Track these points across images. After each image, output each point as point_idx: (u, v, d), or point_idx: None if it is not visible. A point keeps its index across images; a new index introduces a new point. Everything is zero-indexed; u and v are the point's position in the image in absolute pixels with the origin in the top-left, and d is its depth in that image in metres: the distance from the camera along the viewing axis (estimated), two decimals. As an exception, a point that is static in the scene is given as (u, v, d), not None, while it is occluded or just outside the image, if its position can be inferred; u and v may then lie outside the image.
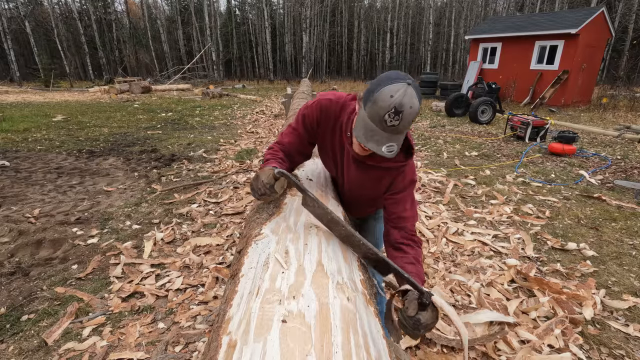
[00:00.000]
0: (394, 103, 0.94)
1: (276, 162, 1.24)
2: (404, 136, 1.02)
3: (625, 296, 2.32)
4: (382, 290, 1.65)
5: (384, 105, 0.94)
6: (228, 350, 0.64)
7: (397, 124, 0.96)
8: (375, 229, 1.64)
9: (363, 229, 1.65)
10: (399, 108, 0.94)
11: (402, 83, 0.96)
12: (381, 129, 0.98)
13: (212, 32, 27.45)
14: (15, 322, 2.05)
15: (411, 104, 0.95)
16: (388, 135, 0.98)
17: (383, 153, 0.99)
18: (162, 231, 3.16)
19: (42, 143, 6.34)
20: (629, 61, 20.07)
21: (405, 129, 0.99)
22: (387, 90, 0.95)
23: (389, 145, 0.99)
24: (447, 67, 31.78)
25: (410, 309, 0.88)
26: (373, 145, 0.99)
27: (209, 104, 12.40)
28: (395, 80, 0.97)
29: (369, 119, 0.99)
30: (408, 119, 0.96)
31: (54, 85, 19.90)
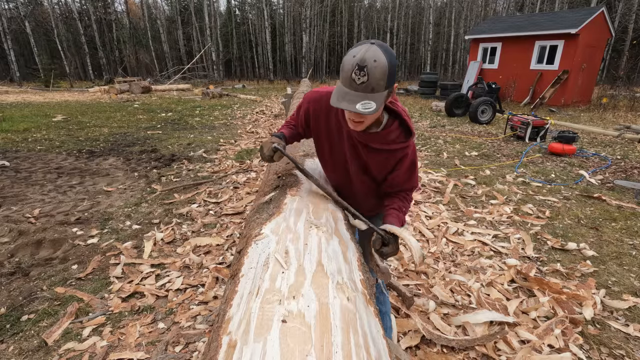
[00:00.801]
0: (356, 60, 0.97)
1: (287, 128, 1.44)
2: (381, 95, 1.03)
3: (625, 296, 2.32)
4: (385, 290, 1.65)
5: (349, 66, 0.98)
6: (228, 350, 0.64)
7: (366, 80, 0.97)
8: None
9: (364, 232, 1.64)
10: (361, 63, 0.96)
11: (365, 44, 0.99)
12: (353, 89, 1.00)
13: (212, 32, 27.45)
14: (16, 322, 2.05)
15: (375, 58, 0.96)
16: (361, 94, 1.00)
17: (358, 110, 1.00)
18: (162, 231, 3.16)
19: (42, 143, 6.34)
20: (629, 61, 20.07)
21: (378, 85, 1.00)
22: (350, 52, 1.00)
23: (364, 103, 1.00)
24: (447, 67, 31.77)
25: (376, 244, 1.20)
26: (346, 104, 1.01)
27: (209, 104, 12.40)
28: (359, 44, 1.01)
29: (341, 84, 1.03)
30: (375, 74, 0.97)
31: (54, 85, 19.90)
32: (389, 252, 1.19)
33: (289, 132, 1.43)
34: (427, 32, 27.93)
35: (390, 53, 1.01)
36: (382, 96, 1.03)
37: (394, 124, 1.24)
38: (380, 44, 1.00)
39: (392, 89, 1.08)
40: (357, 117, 1.10)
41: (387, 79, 1.01)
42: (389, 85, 1.04)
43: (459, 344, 1.89)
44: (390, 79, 1.03)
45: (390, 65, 0.99)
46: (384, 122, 1.23)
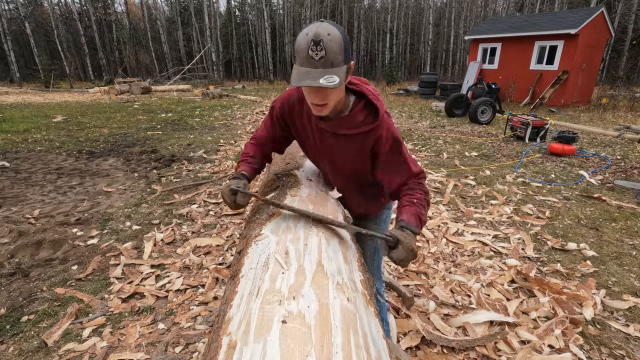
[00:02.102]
0: (310, 37, 0.96)
1: (244, 165, 1.33)
2: (342, 69, 1.00)
3: (626, 296, 2.32)
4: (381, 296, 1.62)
5: (303, 44, 0.97)
6: (228, 351, 0.64)
7: (324, 54, 0.96)
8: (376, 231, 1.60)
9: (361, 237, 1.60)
10: (316, 38, 0.95)
11: (315, 22, 0.99)
12: (312, 66, 0.98)
13: (212, 32, 27.46)
14: (15, 323, 2.04)
15: (328, 32, 0.96)
16: (321, 69, 0.98)
17: (323, 84, 0.97)
18: (162, 232, 3.16)
19: (42, 144, 6.34)
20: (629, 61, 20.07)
21: (336, 59, 0.98)
22: (302, 32, 0.99)
23: (327, 77, 0.97)
24: (447, 68, 31.78)
25: (381, 250, 1.08)
26: (309, 82, 0.98)
27: (209, 105, 12.40)
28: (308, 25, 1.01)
29: (299, 65, 1.01)
30: (332, 47, 0.96)
31: (54, 86, 19.91)
32: (400, 257, 1.04)
33: (248, 167, 1.33)
34: (427, 32, 27.94)
35: (341, 28, 1.00)
36: (342, 71, 1.01)
37: (359, 105, 1.18)
38: (331, 22, 1.00)
39: (349, 65, 1.05)
40: (319, 100, 1.06)
41: (344, 53, 0.99)
42: (347, 60, 1.02)
43: (459, 345, 1.89)
44: (347, 53, 1.01)
45: (345, 38, 0.99)
46: (350, 105, 1.18)
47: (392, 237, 1.04)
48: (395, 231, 1.06)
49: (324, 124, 1.21)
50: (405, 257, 1.03)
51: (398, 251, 1.03)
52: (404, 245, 1.03)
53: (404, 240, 1.03)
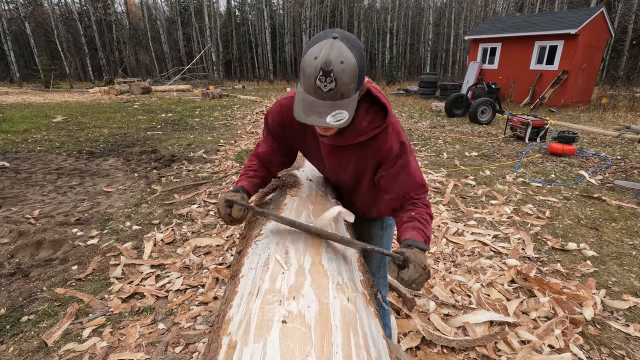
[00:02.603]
0: (320, 64, 0.81)
1: (244, 180, 1.19)
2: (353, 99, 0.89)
3: (626, 296, 2.32)
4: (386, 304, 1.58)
5: (311, 71, 0.83)
6: (228, 351, 0.64)
7: (334, 87, 0.83)
8: (382, 239, 1.50)
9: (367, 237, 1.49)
10: (326, 67, 0.81)
11: (327, 40, 0.83)
12: (319, 97, 0.86)
13: (212, 32, 27.47)
14: (15, 323, 2.04)
15: (341, 59, 0.81)
16: (329, 102, 0.86)
17: (330, 124, 0.86)
18: (162, 232, 3.16)
19: (42, 144, 6.34)
20: (629, 61, 20.08)
21: (348, 90, 0.86)
22: (311, 53, 0.83)
23: (335, 114, 0.86)
24: (447, 68, 31.79)
25: (390, 271, 0.95)
26: (315, 119, 0.87)
27: (209, 105, 12.41)
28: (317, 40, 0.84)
29: (304, 92, 0.88)
30: (344, 78, 0.83)
31: (53, 86, 19.91)
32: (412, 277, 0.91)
33: (247, 182, 1.19)
34: (427, 32, 27.95)
35: (357, 47, 0.85)
36: (353, 101, 0.90)
37: (362, 108, 1.04)
38: (344, 35, 0.85)
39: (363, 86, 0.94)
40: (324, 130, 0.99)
41: (357, 81, 0.87)
42: (360, 85, 0.90)
43: (459, 345, 1.89)
44: (361, 79, 0.89)
45: (359, 64, 0.85)
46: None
47: (400, 255, 0.93)
48: (403, 249, 0.95)
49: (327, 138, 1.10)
50: (418, 276, 0.91)
51: (409, 270, 0.91)
52: (414, 263, 0.91)
53: (414, 258, 0.91)
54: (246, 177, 1.21)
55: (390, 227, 1.51)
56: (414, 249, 0.95)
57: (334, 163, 1.19)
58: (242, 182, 1.19)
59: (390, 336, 1.69)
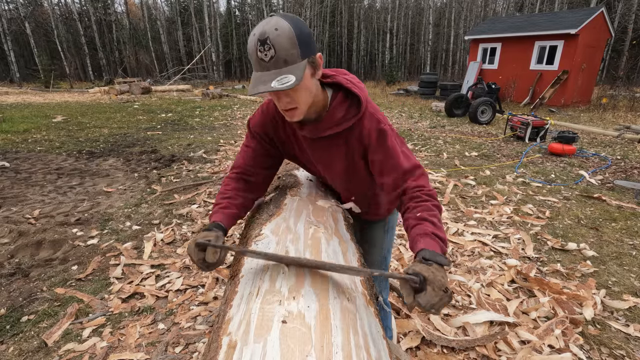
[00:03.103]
0: (256, 36, 0.85)
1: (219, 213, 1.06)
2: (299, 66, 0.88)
3: (626, 296, 2.32)
4: (387, 306, 1.56)
5: (252, 46, 0.87)
6: (228, 351, 0.64)
7: (273, 54, 0.85)
8: (384, 241, 1.47)
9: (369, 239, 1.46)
10: (262, 37, 0.84)
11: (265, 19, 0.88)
12: (264, 69, 0.87)
13: (212, 32, 27.47)
14: (16, 323, 2.04)
15: (276, 27, 0.84)
16: (274, 71, 0.87)
17: (275, 87, 0.86)
18: (162, 232, 3.16)
19: (42, 144, 6.34)
20: (629, 61, 20.09)
21: (290, 55, 0.86)
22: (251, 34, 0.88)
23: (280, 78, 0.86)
24: (447, 68, 31.79)
25: (405, 296, 0.79)
26: (262, 87, 0.87)
27: (209, 105, 12.41)
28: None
29: (254, 71, 0.91)
30: (282, 43, 0.84)
31: (53, 86, 19.92)
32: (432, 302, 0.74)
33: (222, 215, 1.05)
34: (427, 32, 27.95)
35: (294, 19, 0.88)
36: (300, 67, 0.88)
37: (337, 98, 1.05)
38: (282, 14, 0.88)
39: (313, 58, 0.92)
40: (286, 104, 0.95)
41: (299, 47, 0.87)
42: (307, 54, 0.89)
43: (459, 345, 1.89)
44: (305, 46, 0.88)
45: (297, 30, 0.86)
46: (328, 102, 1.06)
47: (416, 276, 0.76)
48: (418, 266, 0.78)
49: (304, 130, 1.09)
50: (438, 300, 0.74)
51: (427, 294, 0.75)
52: (434, 285, 0.75)
53: (432, 278, 0.75)
54: (220, 209, 1.07)
55: (392, 228, 1.50)
56: (432, 266, 0.78)
57: (320, 157, 1.17)
58: (216, 215, 1.05)
59: (391, 338, 1.69)
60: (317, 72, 0.96)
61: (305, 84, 0.92)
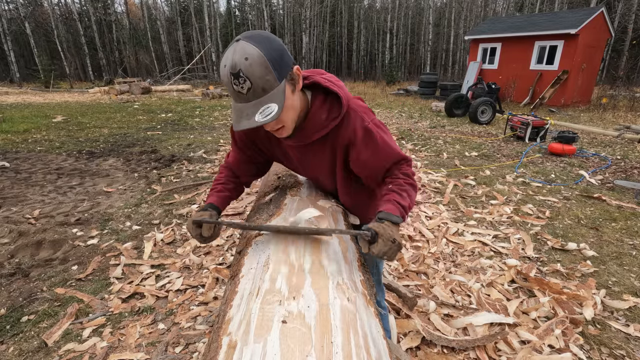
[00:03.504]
0: (228, 70, 0.82)
1: (213, 195, 1.16)
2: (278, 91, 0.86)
3: (626, 296, 2.32)
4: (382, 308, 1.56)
5: (225, 79, 0.84)
6: (228, 351, 0.64)
7: (250, 85, 0.82)
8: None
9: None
10: (233, 70, 0.81)
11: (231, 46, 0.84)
12: (244, 101, 0.85)
13: (212, 32, 27.48)
14: (16, 323, 2.04)
15: (245, 56, 0.80)
16: (254, 102, 0.85)
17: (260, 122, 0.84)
18: (162, 232, 3.16)
19: (42, 144, 6.34)
20: (629, 61, 20.10)
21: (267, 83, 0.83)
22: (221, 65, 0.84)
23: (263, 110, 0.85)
24: (447, 68, 31.80)
25: (362, 247, 0.94)
26: (245, 122, 0.86)
27: (209, 105, 12.41)
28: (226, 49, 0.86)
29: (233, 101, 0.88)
30: (255, 72, 0.81)
31: (53, 86, 19.92)
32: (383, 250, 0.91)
33: (216, 197, 1.16)
34: (427, 32, 27.95)
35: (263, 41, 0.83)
36: (279, 92, 0.86)
37: (318, 100, 1.03)
38: (247, 35, 0.84)
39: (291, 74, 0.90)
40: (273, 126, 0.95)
41: (274, 71, 0.84)
42: (283, 74, 0.86)
43: (459, 345, 1.89)
44: (279, 67, 0.85)
45: (267, 52, 0.82)
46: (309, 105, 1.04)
47: (368, 231, 0.91)
48: (373, 224, 0.94)
49: (289, 141, 1.09)
50: (388, 249, 0.90)
51: (378, 245, 0.90)
52: (383, 237, 0.90)
53: (382, 232, 0.90)
54: (215, 192, 1.18)
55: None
56: (384, 223, 0.93)
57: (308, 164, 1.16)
58: (211, 198, 1.16)
59: (390, 338, 1.69)
60: (297, 86, 0.94)
61: (288, 104, 0.90)
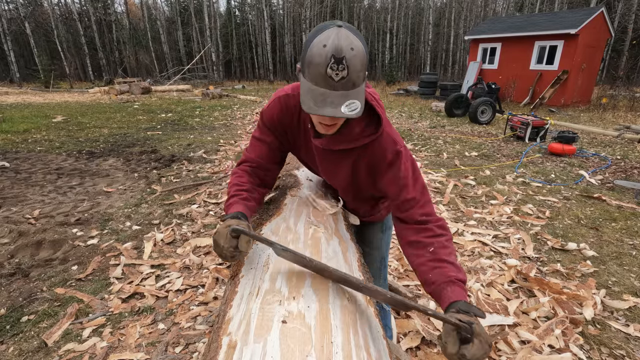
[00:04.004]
0: (330, 51, 0.78)
1: (240, 205, 1.02)
2: (362, 89, 0.86)
3: (626, 296, 2.32)
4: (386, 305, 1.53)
5: (321, 60, 0.79)
6: (228, 351, 0.64)
7: (346, 74, 0.80)
8: (382, 242, 1.46)
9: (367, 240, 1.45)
10: (337, 54, 0.78)
11: (331, 28, 0.80)
12: (331, 88, 0.81)
13: (212, 32, 27.47)
14: (16, 323, 2.04)
15: (351, 45, 0.79)
16: (342, 92, 0.82)
17: (345, 114, 0.83)
18: (162, 232, 3.16)
19: (42, 144, 6.34)
20: (629, 61, 20.10)
21: (359, 78, 0.83)
22: (318, 42, 0.80)
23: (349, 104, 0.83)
24: (447, 68, 31.80)
25: (450, 344, 0.73)
26: (329, 109, 0.82)
27: (209, 105, 12.41)
28: (322, 30, 0.82)
29: (313, 84, 0.83)
30: (356, 64, 0.80)
31: (53, 86, 19.92)
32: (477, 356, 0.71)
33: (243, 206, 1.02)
34: (427, 32, 27.95)
35: (361, 37, 0.84)
36: (362, 91, 0.86)
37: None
38: (347, 26, 0.82)
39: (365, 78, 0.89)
40: (331, 120, 0.92)
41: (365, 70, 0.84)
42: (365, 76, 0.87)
43: (459, 345, 1.89)
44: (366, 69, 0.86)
45: (366, 51, 0.84)
46: None
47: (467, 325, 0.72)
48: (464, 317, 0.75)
49: (317, 140, 1.06)
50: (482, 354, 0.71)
51: (475, 347, 0.71)
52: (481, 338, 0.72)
53: (480, 331, 0.72)
54: (240, 200, 1.04)
55: (390, 228, 1.50)
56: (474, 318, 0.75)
57: (327, 167, 1.15)
58: (239, 206, 1.01)
59: (391, 337, 1.69)
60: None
61: None
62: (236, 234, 0.87)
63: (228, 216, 0.95)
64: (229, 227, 0.88)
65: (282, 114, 1.11)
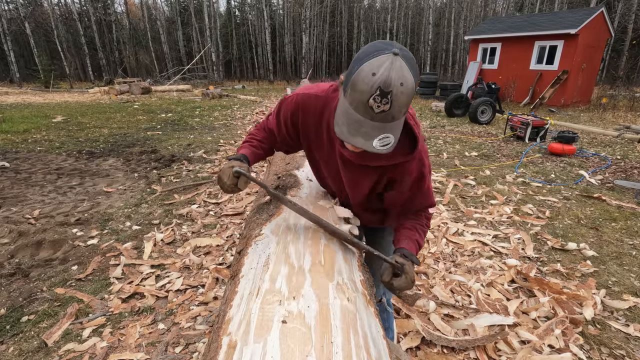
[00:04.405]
0: (378, 82, 0.73)
1: (248, 148, 1.17)
2: (401, 122, 0.82)
3: (626, 296, 2.32)
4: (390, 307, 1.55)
5: (366, 88, 0.74)
6: (228, 351, 0.64)
7: (388, 109, 0.75)
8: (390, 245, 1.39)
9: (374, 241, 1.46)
10: (385, 88, 0.73)
11: (386, 54, 0.74)
12: (368, 118, 0.77)
13: (212, 32, 27.47)
14: (15, 323, 2.04)
15: (402, 80, 0.74)
16: (379, 124, 0.78)
17: (375, 149, 0.80)
18: (162, 232, 3.16)
19: (42, 144, 6.34)
20: (629, 61, 20.10)
21: (400, 112, 0.78)
22: (368, 68, 0.74)
23: (382, 138, 0.79)
24: (447, 68, 31.80)
25: (384, 275, 1.00)
26: (360, 140, 0.79)
27: (209, 105, 12.40)
28: (377, 52, 0.75)
29: (352, 108, 0.78)
30: (401, 100, 0.75)
31: (53, 86, 19.92)
32: (401, 286, 0.99)
33: (250, 151, 1.15)
34: (427, 32, 27.95)
35: (415, 67, 0.79)
36: (400, 125, 0.82)
37: None
38: (404, 53, 0.76)
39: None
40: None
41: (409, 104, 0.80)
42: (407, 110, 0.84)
43: (459, 345, 1.89)
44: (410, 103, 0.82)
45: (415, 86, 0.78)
46: None
47: (399, 264, 0.99)
48: (400, 259, 1.01)
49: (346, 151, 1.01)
50: (405, 286, 0.99)
51: (401, 280, 0.99)
52: (408, 275, 0.99)
53: (409, 270, 0.99)
54: (249, 146, 1.18)
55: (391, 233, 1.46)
56: (408, 261, 1.02)
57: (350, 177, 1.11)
58: (245, 149, 1.16)
59: (393, 339, 1.69)
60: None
61: None
62: (237, 174, 1.04)
63: (234, 157, 1.11)
64: (232, 168, 1.04)
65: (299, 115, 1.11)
